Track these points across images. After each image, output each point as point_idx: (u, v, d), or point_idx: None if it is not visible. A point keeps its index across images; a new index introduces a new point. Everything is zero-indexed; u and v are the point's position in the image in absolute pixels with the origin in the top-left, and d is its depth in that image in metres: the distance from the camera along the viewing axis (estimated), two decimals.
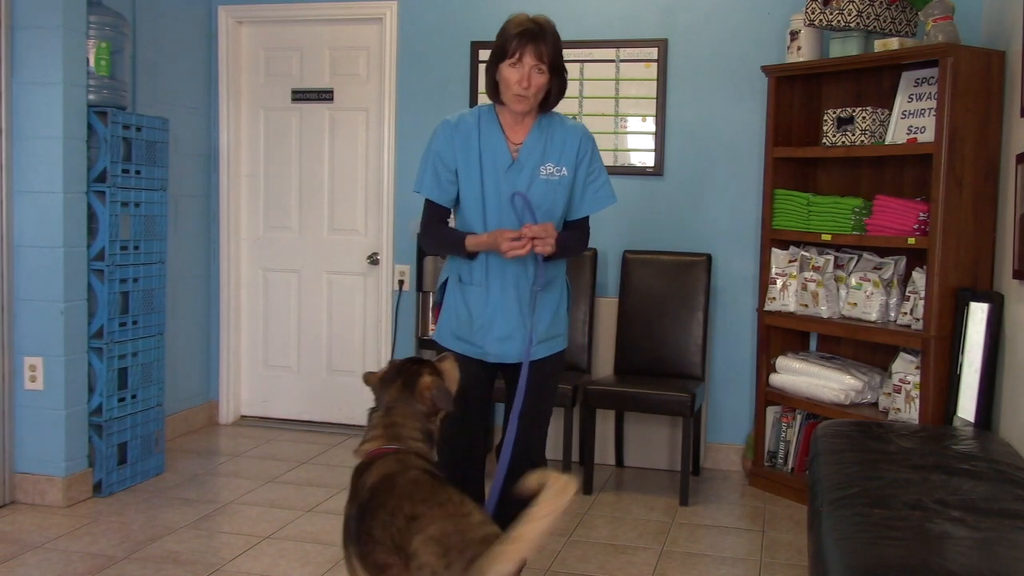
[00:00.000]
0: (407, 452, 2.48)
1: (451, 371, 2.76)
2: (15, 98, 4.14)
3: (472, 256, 3.06)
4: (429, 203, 3.10)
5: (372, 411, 2.66)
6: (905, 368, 4.07)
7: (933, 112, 4.01)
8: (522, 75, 2.94)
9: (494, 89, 3.05)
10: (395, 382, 2.63)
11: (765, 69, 4.61)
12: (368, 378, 2.71)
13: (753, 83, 4.80)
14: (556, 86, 3.05)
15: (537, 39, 2.94)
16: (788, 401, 4.55)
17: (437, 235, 3.13)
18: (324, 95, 5.54)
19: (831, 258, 4.47)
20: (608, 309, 4.98)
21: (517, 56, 2.93)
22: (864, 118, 4.22)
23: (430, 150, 3.11)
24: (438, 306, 3.25)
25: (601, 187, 3.16)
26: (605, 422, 4.89)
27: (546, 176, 3.06)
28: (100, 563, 3.57)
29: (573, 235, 3.15)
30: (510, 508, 3.12)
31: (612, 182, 5.02)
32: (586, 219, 3.19)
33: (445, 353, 2.86)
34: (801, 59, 4.53)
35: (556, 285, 3.16)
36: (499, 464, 2.95)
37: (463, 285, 3.12)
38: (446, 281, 3.19)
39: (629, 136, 5.07)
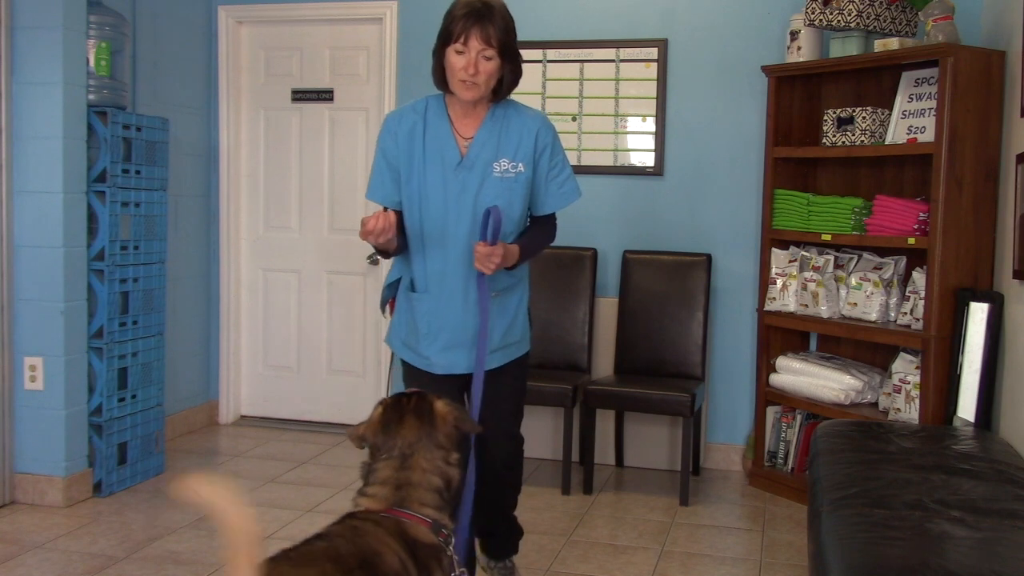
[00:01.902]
0: (404, 528, 2.04)
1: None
2: (15, 98, 4.14)
3: (386, 253, 2.87)
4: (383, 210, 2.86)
5: (372, 463, 2.18)
6: (905, 368, 4.08)
7: (933, 112, 4.02)
8: (468, 61, 2.72)
9: (441, 76, 2.82)
10: (404, 421, 2.17)
11: (765, 69, 4.61)
12: (359, 432, 2.22)
13: (753, 83, 4.80)
14: (509, 72, 2.81)
15: (484, 20, 2.70)
16: (788, 401, 4.55)
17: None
18: (324, 95, 5.54)
19: (831, 258, 4.47)
20: (608, 309, 4.98)
21: (462, 40, 2.71)
22: (864, 118, 4.22)
23: (377, 149, 2.92)
24: (389, 301, 3.07)
25: (565, 181, 2.95)
26: (605, 422, 4.88)
27: (500, 174, 2.84)
28: (100, 563, 3.57)
29: (535, 236, 2.96)
30: (496, 508, 3.10)
31: (612, 182, 5.04)
32: (552, 215, 3.01)
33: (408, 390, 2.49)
34: (801, 59, 4.53)
35: (515, 292, 3.00)
36: (467, 480, 2.69)
37: (411, 293, 2.94)
38: (397, 281, 3.04)
39: (629, 136, 5.07)
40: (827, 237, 4.35)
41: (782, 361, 4.59)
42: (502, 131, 2.87)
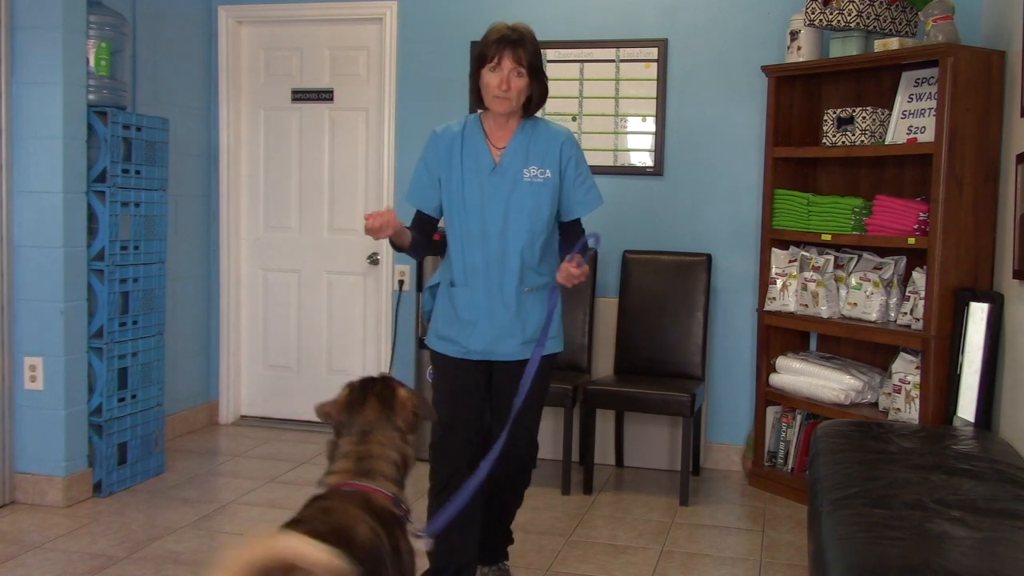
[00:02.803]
0: (369, 499, 2.17)
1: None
2: (15, 98, 4.14)
3: (400, 248, 3.14)
4: (416, 212, 3.25)
5: (336, 439, 2.39)
6: (905, 368, 4.07)
7: (933, 112, 4.01)
8: (501, 78, 3.04)
9: (477, 95, 3.14)
10: (367, 402, 2.39)
11: (765, 69, 4.61)
12: (325, 409, 2.45)
13: (753, 83, 4.80)
14: (537, 90, 3.13)
15: (516, 45, 3.04)
16: (788, 401, 4.55)
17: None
18: (324, 95, 5.54)
19: (831, 258, 4.47)
20: (608, 309, 4.98)
21: (496, 60, 3.04)
22: (864, 118, 4.22)
23: (419, 160, 3.25)
24: (428, 316, 3.34)
25: (590, 189, 3.26)
26: (605, 422, 4.88)
27: (530, 179, 3.14)
28: (100, 563, 3.57)
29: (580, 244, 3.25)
30: (496, 513, 3.29)
31: (612, 182, 5.10)
32: (578, 223, 3.29)
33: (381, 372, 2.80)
34: (801, 59, 4.53)
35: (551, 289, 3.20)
36: (485, 458, 2.87)
37: (451, 288, 3.21)
38: (435, 286, 3.29)
39: (629, 136, 5.07)
40: (827, 237, 4.35)
41: (782, 361, 4.59)
42: (531, 142, 3.17)
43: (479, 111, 3.23)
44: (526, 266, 3.16)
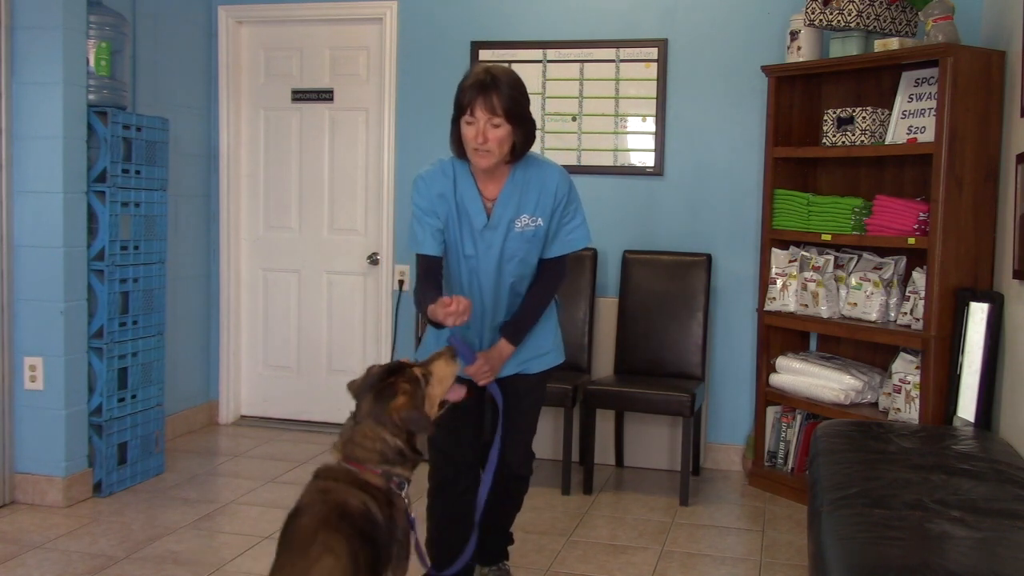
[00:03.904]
0: (357, 477, 2.46)
1: (442, 372, 2.62)
2: (15, 98, 4.14)
3: (439, 324, 2.99)
4: (418, 256, 3.08)
5: (352, 414, 2.58)
6: (905, 368, 4.08)
7: (933, 112, 4.02)
8: (477, 130, 2.85)
9: (459, 145, 2.96)
10: (367, 395, 2.52)
11: (765, 69, 4.61)
12: (350, 384, 2.63)
13: (753, 83, 4.80)
14: (520, 136, 2.93)
15: (488, 90, 2.82)
16: (788, 401, 4.55)
17: (422, 292, 3.05)
18: (324, 95, 5.54)
19: (831, 258, 4.47)
20: (608, 309, 4.98)
21: (470, 110, 2.85)
22: (864, 118, 4.22)
23: (414, 206, 3.08)
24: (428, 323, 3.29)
25: (575, 228, 3.11)
26: (605, 422, 4.88)
27: (521, 229, 3.03)
28: (100, 563, 3.57)
29: (535, 295, 3.11)
30: (494, 520, 3.29)
31: (612, 182, 5.06)
32: (562, 257, 3.14)
33: (442, 349, 2.71)
34: (801, 59, 4.53)
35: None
36: (484, 475, 3.06)
37: (455, 328, 3.11)
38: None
39: (629, 136, 5.07)
40: (827, 237, 4.35)
41: (782, 361, 4.59)
42: (523, 190, 3.04)
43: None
44: (515, 302, 3.13)
